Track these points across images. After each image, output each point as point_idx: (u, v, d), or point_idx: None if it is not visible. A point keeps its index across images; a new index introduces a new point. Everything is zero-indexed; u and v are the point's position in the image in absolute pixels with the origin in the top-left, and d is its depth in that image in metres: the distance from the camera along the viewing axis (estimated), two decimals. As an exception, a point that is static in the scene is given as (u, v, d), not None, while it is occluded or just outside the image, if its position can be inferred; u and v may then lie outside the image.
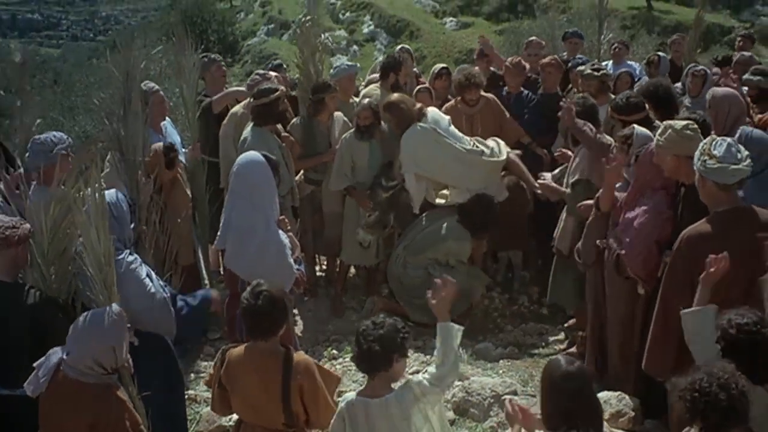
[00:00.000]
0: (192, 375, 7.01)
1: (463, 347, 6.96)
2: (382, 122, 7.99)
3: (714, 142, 4.66)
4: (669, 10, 28.22)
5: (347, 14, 37.36)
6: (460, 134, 7.87)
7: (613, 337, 6.15)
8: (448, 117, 8.00)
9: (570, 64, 9.21)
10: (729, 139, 4.71)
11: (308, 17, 8.72)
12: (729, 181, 4.62)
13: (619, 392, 5.82)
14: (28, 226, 4.74)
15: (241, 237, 5.59)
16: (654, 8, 28.11)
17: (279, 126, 7.81)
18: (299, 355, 4.45)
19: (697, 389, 3.43)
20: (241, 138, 7.40)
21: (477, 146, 7.83)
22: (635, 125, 6.17)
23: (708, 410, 3.42)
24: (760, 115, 7.17)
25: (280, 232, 5.65)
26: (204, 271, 8.05)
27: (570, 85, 9.07)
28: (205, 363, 7.18)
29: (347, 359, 6.98)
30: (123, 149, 5.62)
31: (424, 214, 7.78)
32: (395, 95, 7.97)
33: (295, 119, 8.27)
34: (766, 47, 21.63)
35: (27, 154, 5.82)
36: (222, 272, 8.87)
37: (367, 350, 4.03)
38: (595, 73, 7.93)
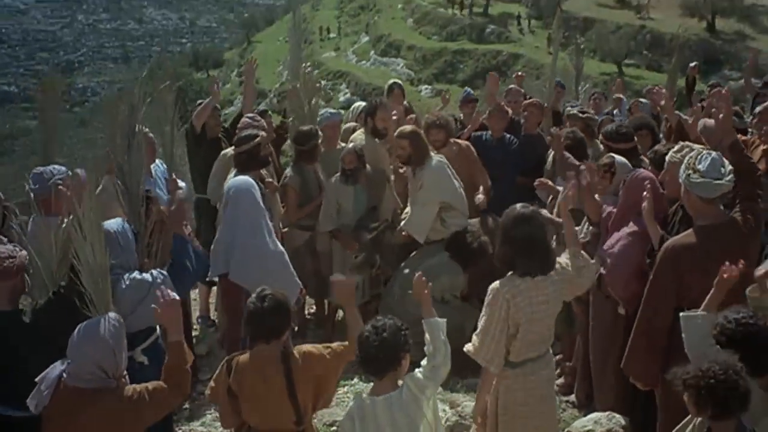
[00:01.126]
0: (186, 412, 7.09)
1: (455, 382, 7.09)
2: (367, 165, 8.14)
3: (699, 157, 4.87)
4: (640, 75, 29.07)
5: (324, 82, 38.02)
6: None
7: (596, 356, 6.32)
8: None
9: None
10: (714, 154, 4.91)
11: (308, 64, 8.96)
12: (711, 195, 4.83)
13: (608, 412, 5.95)
14: (24, 253, 4.85)
15: (245, 251, 5.73)
16: (625, 73, 28.86)
17: (264, 171, 7.91)
18: (298, 351, 4.56)
19: (713, 376, 3.58)
20: (226, 187, 7.51)
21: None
22: (614, 154, 6.43)
23: (727, 396, 3.56)
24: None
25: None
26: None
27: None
28: (197, 402, 7.24)
29: (339, 392, 7.05)
30: (126, 181, 5.71)
31: (414, 253, 7.88)
32: (412, 127, 8.09)
33: (288, 170, 8.41)
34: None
35: (27, 186, 5.94)
36: (210, 316, 9.06)
37: (375, 355, 4.17)
38: (580, 115, 8.20)
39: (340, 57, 66.84)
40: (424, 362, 4.38)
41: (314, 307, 9.23)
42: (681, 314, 4.50)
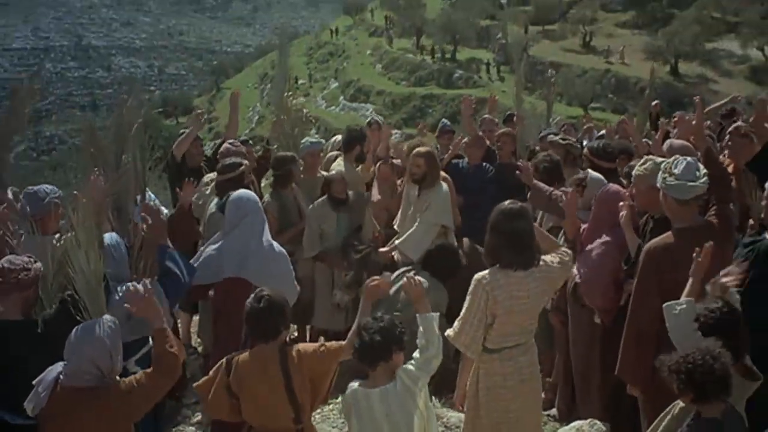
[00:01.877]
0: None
1: (437, 399, 7.21)
2: (350, 193, 8.32)
3: (675, 161, 5.12)
4: (605, 118, 29.55)
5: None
6: None
7: (576, 365, 6.49)
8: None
9: (541, 134, 9.71)
10: (689, 159, 5.16)
11: (290, 92, 9.16)
12: (686, 197, 5.06)
13: (590, 419, 6.10)
14: (39, 265, 4.98)
15: (260, 254, 5.94)
16: (591, 116, 29.34)
17: None
18: (295, 349, 4.70)
19: (691, 361, 3.81)
20: (208, 213, 7.65)
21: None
22: (589, 170, 6.69)
23: (704, 380, 3.77)
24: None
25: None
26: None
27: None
28: (183, 425, 7.30)
29: (325, 409, 7.15)
30: (116, 199, 5.86)
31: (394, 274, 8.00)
32: (428, 147, 8.32)
33: (266, 196, 8.53)
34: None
35: (19, 204, 6.06)
36: (192, 344, 9.11)
37: (369, 341, 4.36)
38: (561, 141, 8.44)
39: (309, 102, 67.29)
40: (416, 354, 4.56)
41: (296, 333, 9.28)
42: (664, 305, 4.66)
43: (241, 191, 6.37)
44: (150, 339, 5.29)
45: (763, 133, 6.62)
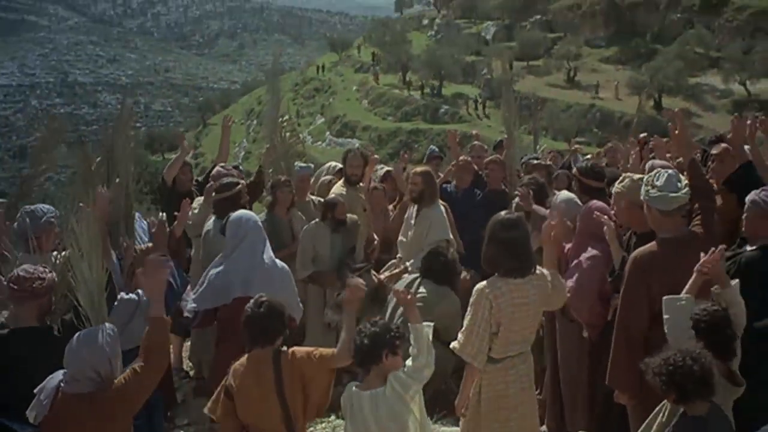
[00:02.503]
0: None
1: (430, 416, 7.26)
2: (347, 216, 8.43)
3: (657, 174, 5.26)
4: (590, 152, 29.85)
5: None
6: None
7: (565, 380, 6.57)
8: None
9: (523, 160, 9.87)
10: (670, 170, 5.31)
11: (285, 117, 9.31)
12: (669, 208, 5.20)
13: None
14: (53, 275, 5.09)
15: (267, 272, 6.00)
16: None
17: None
18: (290, 352, 4.80)
19: (672, 363, 3.94)
20: (204, 230, 7.77)
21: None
22: (565, 191, 6.87)
23: (684, 380, 3.89)
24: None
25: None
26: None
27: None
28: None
29: (317, 428, 7.21)
30: (108, 218, 5.95)
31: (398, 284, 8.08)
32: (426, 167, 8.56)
33: (260, 216, 8.60)
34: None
35: (15, 224, 6.15)
36: (183, 367, 9.13)
37: (360, 345, 4.49)
38: (544, 163, 8.60)
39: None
40: (408, 362, 4.66)
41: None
42: (663, 298, 4.76)
43: (240, 212, 6.41)
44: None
45: (740, 153, 6.75)
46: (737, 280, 4.69)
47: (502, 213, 5.35)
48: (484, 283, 5.16)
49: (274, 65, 11.00)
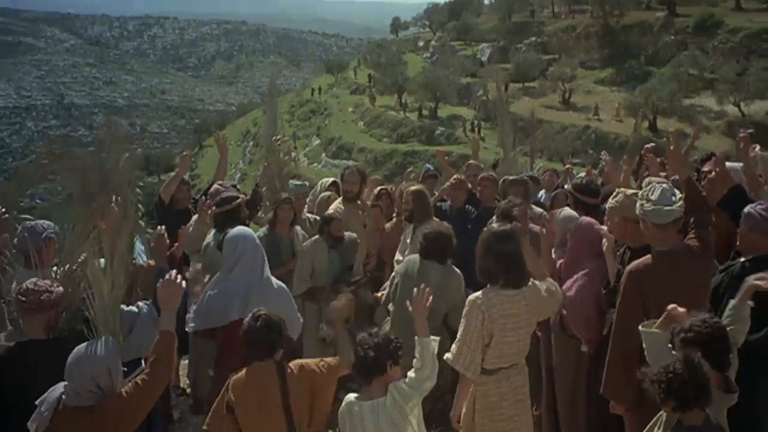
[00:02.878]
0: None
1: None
2: (345, 233, 8.50)
3: (651, 188, 5.35)
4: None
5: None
6: None
7: (562, 395, 6.60)
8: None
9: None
10: (664, 184, 5.39)
11: (279, 135, 9.40)
12: (664, 221, 5.27)
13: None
14: (61, 289, 5.14)
15: (247, 293, 6.00)
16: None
17: None
18: (293, 364, 4.86)
19: (671, 371, 3.98)
20: (204, 243, 7.83)
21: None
22: (566, 208, 6.94)
23: (684, 389, 3.94)
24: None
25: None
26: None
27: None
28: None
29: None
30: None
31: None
32: (419, 186, 8.70)
33: (260, 231, 8.67)
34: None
35: (16, 240, 6.20)
36: (180, 384, 9.16)
37: (364, 356, 4.52)
38: (521, 179, 8.72)
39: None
40: (410, 373, 4.71)
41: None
42: (640, 328, 4.83)
43: (238, 230, 6.41)
44: (143, 362, 5.41)
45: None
46: (752, 302, 4.75)
47: (496, 225, 5.44)
48: (476, 294, 5.23)
49: (271, 86, 11.09)
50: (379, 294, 8.25)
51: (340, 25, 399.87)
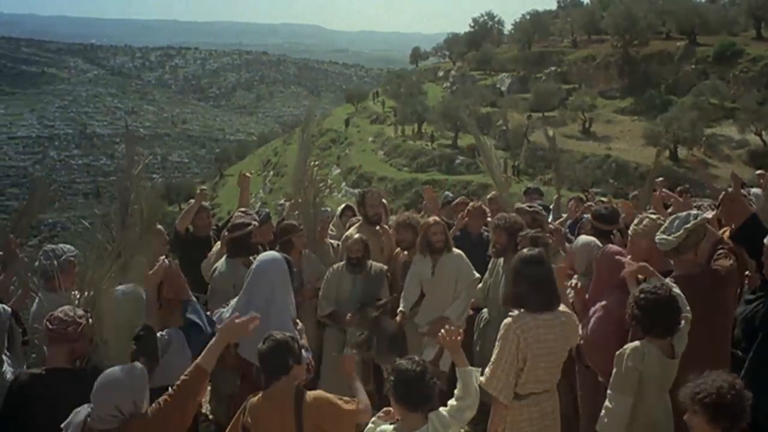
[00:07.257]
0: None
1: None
2: (370, 262, 8.46)
3: (671, 218, 5.41)
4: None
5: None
6: None
7: (585, 424, 6.53)
8: None
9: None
10: (680, 215, 5.43)
11: (316, 161, 9.43)
12: (664, 249, 5.43)
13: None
14: (88, 322, 5.13)
15: (282, 315, 6.01)
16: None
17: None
18: (312, 393, 4.80)
19: (726, 393, 3.96)
20: (213, 268, 7.87)
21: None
22: (583, 235, 6.94)
23: (736, 411, 3.96)
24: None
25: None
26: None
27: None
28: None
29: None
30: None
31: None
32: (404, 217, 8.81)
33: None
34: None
35: (36, 263, 6.24)
36: (203, 410, 9.11)
37: (415, 387, 4.48)
38: (527, 208, 8.68)
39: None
40: (451, 402, 4.67)
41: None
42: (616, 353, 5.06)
43: (266, 256, 6.49)
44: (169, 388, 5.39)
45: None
46: None
47: (525, 250, 5.44)
48: (510, 318, 5.21)
49: (309, 112, 11.25)
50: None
51: (360, 55, 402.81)
